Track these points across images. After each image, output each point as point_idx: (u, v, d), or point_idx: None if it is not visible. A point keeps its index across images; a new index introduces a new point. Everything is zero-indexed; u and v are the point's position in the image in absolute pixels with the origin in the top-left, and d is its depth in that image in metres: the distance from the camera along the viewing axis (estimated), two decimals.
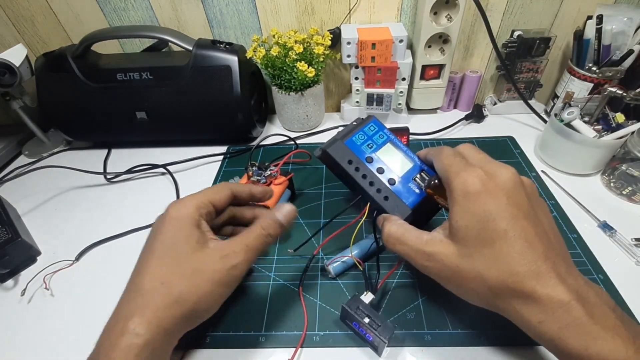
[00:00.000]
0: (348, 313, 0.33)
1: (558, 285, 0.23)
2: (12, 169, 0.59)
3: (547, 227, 0.26)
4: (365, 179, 0.35)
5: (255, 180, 0.44)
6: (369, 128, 0.38)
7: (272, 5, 0.58)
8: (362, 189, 0.35)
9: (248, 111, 0.57)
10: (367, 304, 0.33)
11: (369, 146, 0.37)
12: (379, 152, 0.37)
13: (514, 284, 0.24)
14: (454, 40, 0.56)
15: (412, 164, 0.36)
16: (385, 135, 0.38)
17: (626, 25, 0.50)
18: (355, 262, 0.38)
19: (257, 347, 0.34)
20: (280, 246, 0.43)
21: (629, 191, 0.46)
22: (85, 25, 0.61)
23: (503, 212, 0.25)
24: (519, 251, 0.24)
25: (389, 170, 0.35)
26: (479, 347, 0.33)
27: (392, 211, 0.34)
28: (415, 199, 0.34)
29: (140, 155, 0.60)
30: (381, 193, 0.34)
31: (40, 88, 0.56)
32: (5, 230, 0.44)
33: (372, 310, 0.32)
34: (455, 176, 0.27)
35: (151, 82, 0.55)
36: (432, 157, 0.33)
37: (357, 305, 0.33)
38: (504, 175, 0.26)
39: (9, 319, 0.39)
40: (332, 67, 0.65)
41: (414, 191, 0.34)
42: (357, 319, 0.32)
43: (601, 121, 0.51)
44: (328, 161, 0.38)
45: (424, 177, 0.35)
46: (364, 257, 0.39)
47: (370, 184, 0.35)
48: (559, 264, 0.24)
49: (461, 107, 0.66)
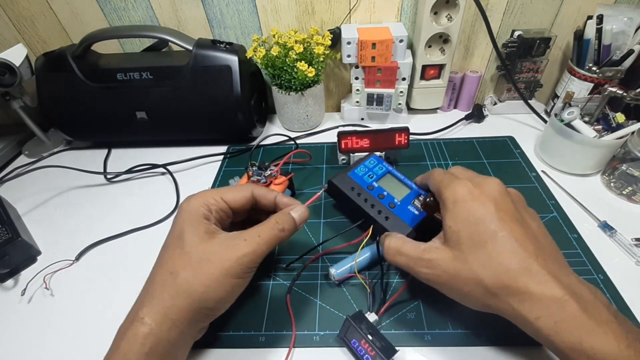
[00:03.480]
0: (350, 327, 0.32)
1: (550, 281, 0.24)
2: (12, 169, 0.59)
3: (535, 231, 0.28)
4: (367, 202, 0.39)
5: (255, 180, 0.44)
6: (370, 162, 0.44)
7: (272, 5, 0.58)
8: (365, 212, 0.38)
9: (248, 111, 0.57)
10: (371, 322, 0.32)
11: (369, 176, 0.42)
12: (379, 181, 0.42)
13: (508, 280, 0.25)
14: (454, 40, 0.56)
15: (410, 190, 0.40)
16: (384, 167, 0.43)
17: (626, 25, 0.50)
18: (362, 282, 0.38)
19: (258, 347, 0.34)
20: (279, 248, 0.43)
21: (629, 191, 0.46)
22: (85, 25, 0.61)
23: (491, 215, 0.27)
24: (509, 249, 0.25)
25: (389, 196, 0.40)
26: (479, 347, 0.33)
27: (392, 229, 0.36)
28: (415, 218, 0.38)
29: (140, 155, 0.60)
30: (382, 214, 0.38)
31: (40, 88, 0.56)
32: (5, 230, 0.44)
33: (375, 330, 0.32)
34: (446, 188, 0.30)
35: (151, 82, 0.55)
36: (425, 179, 0.36)
37: (361, 321, 0.32)
38: (490, 184, 0.29)
39: (9, 319, 0.39)
40: (332, 67, 0.65)
41: (413, 212, 0.38)
42: (360, 334, 0.31)
43: (601, 121, 0.51)
44: (334, 192, 0.42)
45: (421, 199, 0.39)
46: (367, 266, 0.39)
47: (372, 206, 0.39)
48: (550, 262, 0.25)
49: (461, 107, 0.66)
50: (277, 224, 0.30)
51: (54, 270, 0.42)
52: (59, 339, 0.37)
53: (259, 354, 0.34)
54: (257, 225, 0.30)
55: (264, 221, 0.31)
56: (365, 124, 0.64)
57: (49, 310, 0.39)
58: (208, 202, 0.30)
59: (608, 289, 0.36)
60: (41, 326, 0.38)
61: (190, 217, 0.29)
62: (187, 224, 0.29)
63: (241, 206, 0.32)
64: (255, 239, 0.29)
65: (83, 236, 0.46)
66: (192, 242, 0.28)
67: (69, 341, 0.36)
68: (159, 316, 0.26)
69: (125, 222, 0.48)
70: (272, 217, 0.31)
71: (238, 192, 0.32)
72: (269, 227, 0.30)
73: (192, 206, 0.30)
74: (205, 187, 0.53)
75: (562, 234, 0.42)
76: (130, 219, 0.49)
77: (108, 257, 0.45)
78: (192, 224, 0.29)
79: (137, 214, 0.49)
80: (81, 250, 0.45)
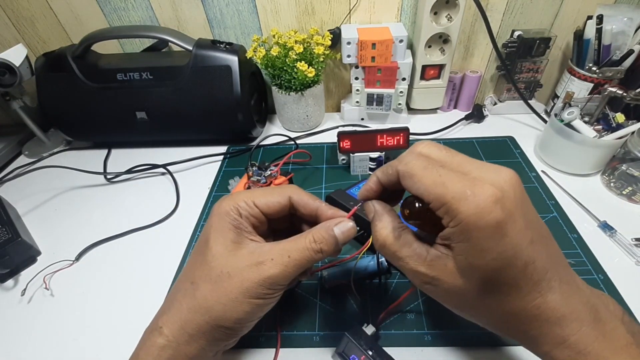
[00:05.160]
0: (349, 343, 0.31)
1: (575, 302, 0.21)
2: (12, 169, 0.59)
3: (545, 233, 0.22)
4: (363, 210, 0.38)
5: (255, 181, 0.44)
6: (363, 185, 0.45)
7: (272, 5, 0.58)
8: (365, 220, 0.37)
9: (248, 111, 0.57)
10: (370, 337, 0.32)
11: None
12: None
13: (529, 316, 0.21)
14: (454, 40, 0.56)
15: None
16: None
17: (626, 25, 0.50)
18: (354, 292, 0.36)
19: (258, 347, 0.34)
20: None
21: (629, 191, 0.46)
22: (85, 25, 0.61)
23: (521, 240, 0.20)
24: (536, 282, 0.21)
25: None
26: (479, 347, 0.33)
27: None
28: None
29: (140, 155, 0.60)
30: None
31: (40, 88, 0.56)
32: (5, 230, 0.44)
33: (375, 344, 0.31)
34: (462, 203, 0.19)
35: (151, 82, 0.55)
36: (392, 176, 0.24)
37: (360, 337, 0.31)
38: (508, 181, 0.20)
39: (9, 319, 0.39)
40: (332, 67, 0.65)
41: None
42: (359, 350, 0.30)
43: (601, 121, 0.51)
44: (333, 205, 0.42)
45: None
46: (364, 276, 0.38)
47: None
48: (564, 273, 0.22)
49: (461, 107, 0.66)
50: (313, 242, 0.25)
51: (54, 271, 0.42)
52: (58, 339, 0.37)
53: (259, 353, 0.34)
54: (290, 240, 0.26)
55: (299, 236, 0.26)
56: (365, 124, 0.64)
57: (49, 310, 0.39)
58: (239, 206, 0.27)
59: (608, 289, 0.36)
60: (41, 326, 0.38)
61: (218, 222, 0.26)
62: (214, 230, 0.26)
63: (275, 213, 0.28)
64: (284, 259, 0.25)
65: (83, 236, 0.46)
66: (215, 251, 0.25)
67: (69, 341, 0.36)
68: (176, 328, 0.24)
69: (125, 222, 0.48)
70: (309, 232, 0.26)
71: (272, 197, 0.28)
72: (303, 247, 0.25)
73: (222, 209, 0.27)
74: (205, 187, 0.53)
75: (562, 234, 0.42)
76: (130, 219, 0.49)
77: (108, 257, 0.45)
78: (219, 230, 0.26)
79: (137, 214, 0.49)
80: (81, 251, 0.45)
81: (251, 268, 0.25)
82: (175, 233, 0.47)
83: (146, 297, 0.40)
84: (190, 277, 0.26)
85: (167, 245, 0.45)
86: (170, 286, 0.40)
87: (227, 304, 0.24)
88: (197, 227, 0.47)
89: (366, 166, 0.52)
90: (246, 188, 0.44)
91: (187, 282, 0.26)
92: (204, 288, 0.25)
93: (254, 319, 0.26)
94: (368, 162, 0.52)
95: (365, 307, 0.37)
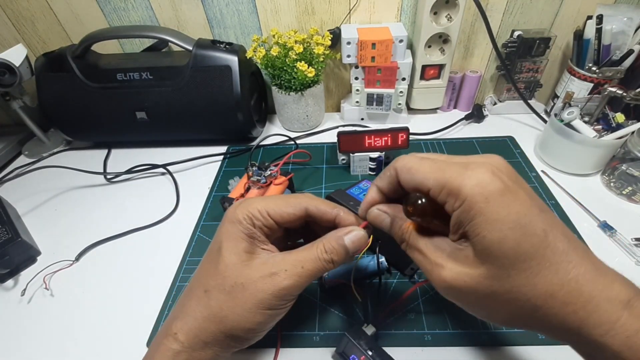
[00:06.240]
0: (349, 343, 0.31)
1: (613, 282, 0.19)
2: (12, 169, 0.59)
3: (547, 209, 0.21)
4: None
5: (255, 180, 0.44)
6: (363, 185, 0.46)
7: (272, 5, 0.58)
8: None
9: (248, 111, 0.57)
10: (370, 337, 0.32)
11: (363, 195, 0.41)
12: None
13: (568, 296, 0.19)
14: (454, 40, 0.56)
15: None
16: None
17: (626, 25, 0.50)
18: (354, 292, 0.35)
19: (258, 347, 0.34)
20: None
21: (629, 191, 0.46)
22: (85, 25, 0.61)
23: (530, 208, 0.19)
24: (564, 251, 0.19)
25: None
26: (479, 347, 0.33)
27: None
28: None
29: (140, 155, 0.60)
30: None
31: (40, 88, 0.56)
32: (5, 230, 0.44)
33: (375, 345, 0.31)
34: (462, 178, 0.20)
35: (151, 82, 0.55)
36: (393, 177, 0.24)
37: (360, 337, 0.31)
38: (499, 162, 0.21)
39: (9, 319, 0.39)
40: (332, 67, 0.65)
41: None
42: (359, 350, 0.31)
43: (601, 121, 0.51)
44: None
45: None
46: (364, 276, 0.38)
47: None
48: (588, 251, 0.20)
49: (461, 107, 0.66)
50: (324, 253, 0.26)
51: (53, 271, 0.42)
52: (58, 339, 0.37)
53: (259, 353, 0.34)
54: (301, 250, 0.26)
55: (310, 245, 0.26)
56: (365, 124, 0.64)
57: (49, 310, 0.39)
58: (253, 215, 0.26)
59: None
60: (41, 326, 0.38)
61: (230, 231, 0.26)
62: (226, 238, 0.26)
63: (289, 223, 0.28)
64: (298, 270, 0.25)
65: (83, 236, 0.46)
66: (228, 261, 0.25)
67: (69, 341, 0.36)
68: (190, 335, 0.25)
69: (125, 222, 0.48)
70: (320, 241, 0.26)
71: (286, 208, 0.27)
72: (316, 257, 0.26)
73: (236, 217, 0.26)
74: (205, 187, 0.53)
75: None
76: (130, 219, 0.49)
77: (108, 257, 0.45)
78: (232, 239, 0.26)
79: (137, 214, 0.49)
80: (81, 251, 0.45)
81: (265, 279, 0.25)
82: (175, 233, 0.47)
83: (146, 297, 0.40)
84: (204, 284, 0.26)
85: (167, 245, 0.45)
86: (171, 286, 0.40)
87: (241, 315, 0.24)
88: (197, 227, 0.47)
89: (366, 166, 0.52)
90: (246, 188, 0.44)
91: (200, 290, 0.26)
92: (218, 298, 0.25)
93: (265, 328, 0.27)
94: (368, 162, 0.52)
95: (365, 307, 0.37)
